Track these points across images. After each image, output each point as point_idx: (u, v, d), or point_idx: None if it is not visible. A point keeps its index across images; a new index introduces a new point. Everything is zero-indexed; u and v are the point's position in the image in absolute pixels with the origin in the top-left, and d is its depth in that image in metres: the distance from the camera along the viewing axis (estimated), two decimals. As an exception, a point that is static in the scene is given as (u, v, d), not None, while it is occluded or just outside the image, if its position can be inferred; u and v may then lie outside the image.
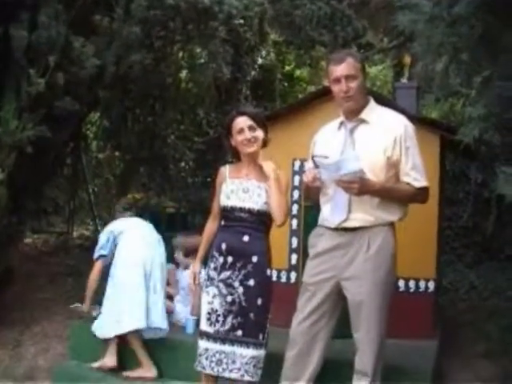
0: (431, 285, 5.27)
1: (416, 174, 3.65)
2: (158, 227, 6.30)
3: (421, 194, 3.72)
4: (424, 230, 5.21)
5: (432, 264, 5.31)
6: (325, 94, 5.02)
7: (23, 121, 5.80)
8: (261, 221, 4.11)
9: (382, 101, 4.61)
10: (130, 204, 6.40)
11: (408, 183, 3.65)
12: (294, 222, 5.41)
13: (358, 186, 3.43)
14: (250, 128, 4.08)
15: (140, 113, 12.15)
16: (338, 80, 3.69)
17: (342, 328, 3.86)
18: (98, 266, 5.21)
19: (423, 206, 5.16)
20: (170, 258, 5.80)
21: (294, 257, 5.43)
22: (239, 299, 4.02)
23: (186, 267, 5.57)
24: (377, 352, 3.67)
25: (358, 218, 3.65)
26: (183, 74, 12.49)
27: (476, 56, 3.55)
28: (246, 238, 4.06)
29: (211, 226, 4.36)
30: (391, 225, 3.71)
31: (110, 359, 4.97)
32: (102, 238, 5.28)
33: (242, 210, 4.07)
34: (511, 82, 3.41)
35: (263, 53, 13.08)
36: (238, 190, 4.12)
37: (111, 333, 4.94)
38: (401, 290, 5.27)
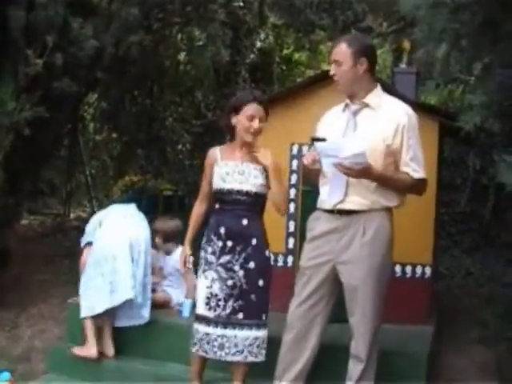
0: (428, 270, 5.27)
1: (415, 165, 3.64)
2: (156, 209, 6.31)
3: (418, 186, 3.71)
4: (421, 216, 5.20)
5: (429, 249, 5.30)
6: (323, 79, 4.99)
7: (21, 102, 5.76)
8: (258, 202, 4.11)
9: (382, 86, 4.59)
10: (128, 186, 6.39)
11: (407, 173, 3.64)
12: (292, 206, 5.40)
13: (358, 169, 3.43)
14: (261, 120, 4.05)
15: (138, 95, 12.15)
16: (330, 64, 3.75)
17: (339, 312, 3.86)
18: (86, 252, 5.06)
19: (421, 192, 5.21)
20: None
21: (291, 241, 5.41)
22: (240, 282, 4.03)
23: (167, 252, 5.56)
24: (371, 337, 3.68)
25: (354, 201, 3.65)
26: (182, 56, 12.46)
27: (477, 43, 3.54)
28: (245, 222, 4.05)
29: (199, 208, 4.36)
30: (388, 210, 3.70)
31: (89, 348, 4.81)
32: (89, 226, 5.17)
33: (239, 192, 4.05)
34: (511, 70, 3.41)
35: (262, 36, 13.03)
36: (233, 172, 4.08)
37: (103, 307, 4.78)
38: (397, 275, 5.26)
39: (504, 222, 8.53)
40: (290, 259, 5.41)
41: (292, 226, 5.40)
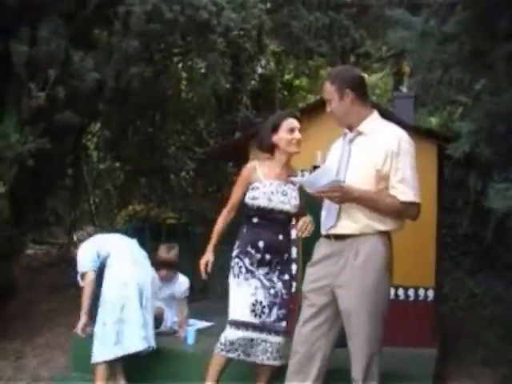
0: (430, 293, 5.30)
1: (404, 188, 3.62)
2: (159, 238, 6.35)
3: (408, 209, 3.67)
4: (423, 239, 5.24)
5: (431, 272, 5.34)
6: (323, 105, 5.04)
7: (24, 134, 5.84)
8: (291, 219, 4.39)
9: (378, 110, 4.65)
10: (131, 215, 6.42)
11: (394, 196, 3.66)
12: (293, 232, 5.44)
13: (339, 194, 3.50)
14: (299, 131, 4.32)
15: (140, 124, 12.23)
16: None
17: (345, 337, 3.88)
18: (90, 277, 4.95)
19: (422, 215, 5.21)
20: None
21: (294, 267, 5.44)
22: (280, 292, 4.28)
23: (167, 279, 5.62)
24: (369, 361, 3.67)
25: (345, 226, 3.68)
26: (183, 84, 12.56)
27: (467, 72, 3.60)
28: (281, 237, 4.31)
29: (227, 217, 4.48)
30: (383, 234, 3.69)
31: None
32: (88, 253, 5.00)
33: (280, 212, 4.28)
34: (500, 97, 3.45)
35: (263, 62, 13.14)
36: (277, 192, 4.28)
37: (107, 356, 4.75)
38: (400, 298, 5.30)
39: (506, 243, 8.54)
40: (293, 285, 5.43)
41: (294, 252, 5.43)
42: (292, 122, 4.31)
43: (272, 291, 4.25)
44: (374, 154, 3.64)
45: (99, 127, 12.25)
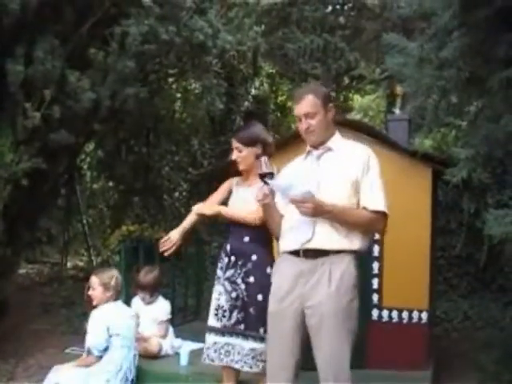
0: (424, 316, 5.29)
1: (375, 198, 3.63)
2: (152, 259, 6.33)
3: (378, 221, 3.65)
4: (416, 261, 5.25)
5: (425, 295, 5.34)
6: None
7: (19, 154, 5.84)
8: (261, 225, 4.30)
9: (373, 133, 4.68)
10: (124, 236, 6.38)
11: (364, 207, 3.65)
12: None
13: (312, 206, 3.45)
14: (236, 148, 4.46)
15: (134, 143, 12.24)
16: (299, 118, 3.78)
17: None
18: (92, 360, 4.84)
19: (415, 237, 5.25)
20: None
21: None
22: (242, 295, 4.32)
23: (148, 303, 5.72)
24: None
25: (321, 240, 3.61)
26: (178, 104, 12.59)
27: (464, 97, 3.62)
28: (246, 239, 4.38)
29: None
30: (354, 253, 3.67)
31: None
32: (99, 334, 4.85)
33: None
34: (497, 123, 3.47)
35: (256, 83, 13.21)
36: (239, 198, 4.50)
37: None
38: (394, 320, 5.30)
39: (500, 265, 8.57)
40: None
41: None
42: (232, 143, 4.51)
43: (234, 294, 4.34)
44: (349, 168, 3.64)
45: (93, 147, 12.26)
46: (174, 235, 4.50)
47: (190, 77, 8.77)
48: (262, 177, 3.67)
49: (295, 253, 3.67)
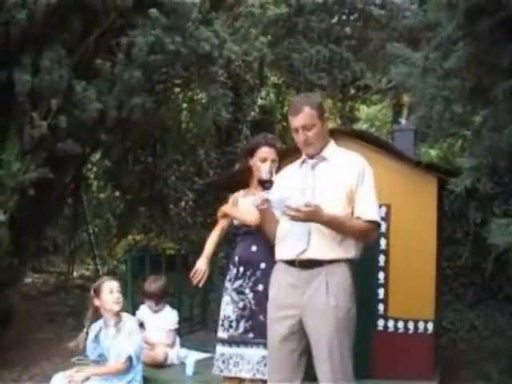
0: (430, 326, 5.27)
1: (369, 208, 3.64)
2: (159, 269, 6.35)
3: (371, 230, 3.67)
4: (422, 271, 5.23)
5: (431, 305, 5.32)
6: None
7: (26, 163, 5.87)
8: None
9: (379, 143, 4.68)
10: (131, 245, 6.39)
11: (358, 216, 3.66)
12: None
13: (305, 211, 3.45)
14: (273, 161, 4.30)
15: (141, 153, 12.27)
16: (296, 130, 3.78)
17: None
18: (122, 368, 4.66)
19: (422, 247, 5.24)
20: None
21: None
22: (250, 304, 4.26)
23: (155, 311, 5.72)
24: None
25: (316, 250, 3.61)
26: (184, 114, 12.62)
27: (468, 107, 3.62)
28: (254, 248, 4.33)
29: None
30: (349, 262, 3.68)
31: None
32: (140, 343, 4.79)
33: (247, 225, 4.35)
34: (501, 133, 3.47)
35: (263, 93, 13.22)
36: (243, 206, 4.45)
37: None
38: (400, 331, 5.28)
39: (506, 275, 8.54)
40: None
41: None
42: (265, 152, 4.34)
43: (241, 304, 4.29)
44: (344, 178, 3.65)
45: (99, 156, 12.29)
46: (202, 266, 4.44)
47: (197, 87, 8.80)
48: (262, 184, 3.69)
49: (291, 262, 3.67)
